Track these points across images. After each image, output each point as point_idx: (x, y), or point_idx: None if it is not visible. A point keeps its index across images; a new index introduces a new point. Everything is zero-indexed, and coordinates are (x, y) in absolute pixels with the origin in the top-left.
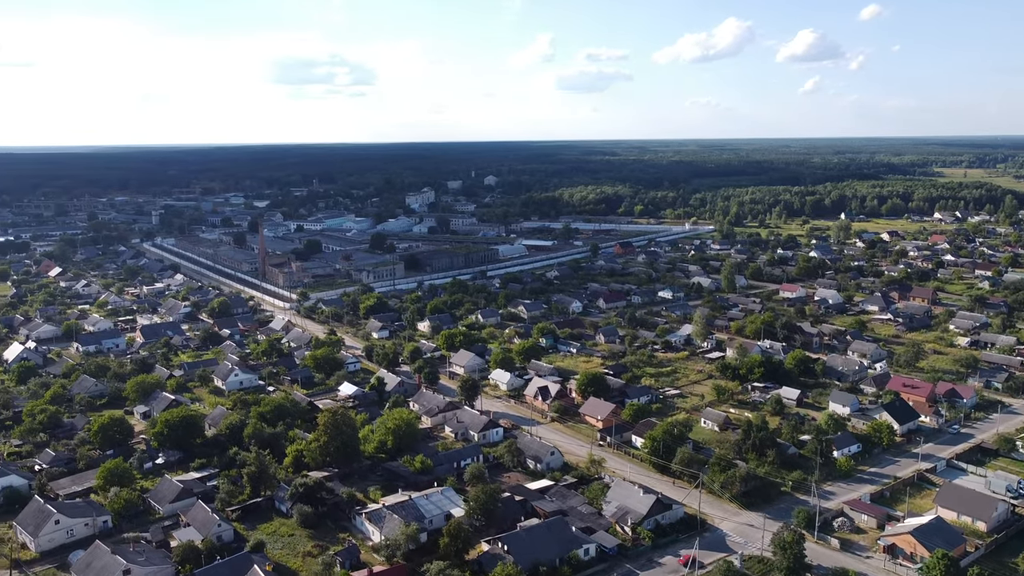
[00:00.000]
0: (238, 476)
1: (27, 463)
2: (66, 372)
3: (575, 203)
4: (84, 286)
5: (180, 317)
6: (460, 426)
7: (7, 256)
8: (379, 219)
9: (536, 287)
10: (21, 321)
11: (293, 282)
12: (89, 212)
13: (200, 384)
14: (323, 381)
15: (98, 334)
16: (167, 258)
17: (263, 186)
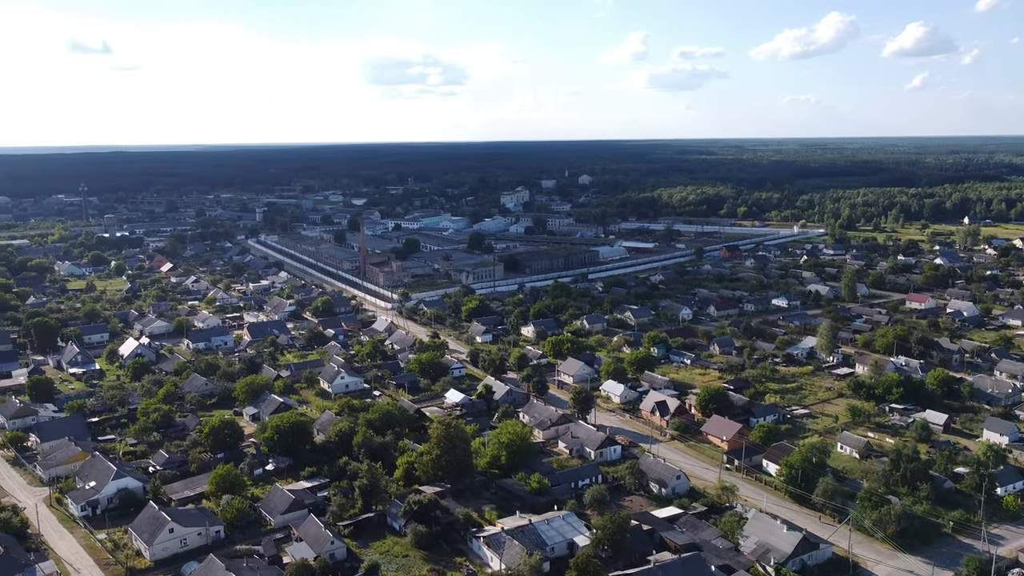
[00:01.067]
0: (349, 488)
1: (141, 464)
2: (177, 369)
3: (674, 204)
4: (193, 282)
5: (285, 315)
6: (575, 442)
7: (123, 251)
8: (475, 218)
9: (641, 292)
10: (135, 316)
11: (393, 282)
12: (197, 209)
13: (306, 386)
14: (428, 387)
15: (207, 331)
16: (271, 255)
17: (360, 184)
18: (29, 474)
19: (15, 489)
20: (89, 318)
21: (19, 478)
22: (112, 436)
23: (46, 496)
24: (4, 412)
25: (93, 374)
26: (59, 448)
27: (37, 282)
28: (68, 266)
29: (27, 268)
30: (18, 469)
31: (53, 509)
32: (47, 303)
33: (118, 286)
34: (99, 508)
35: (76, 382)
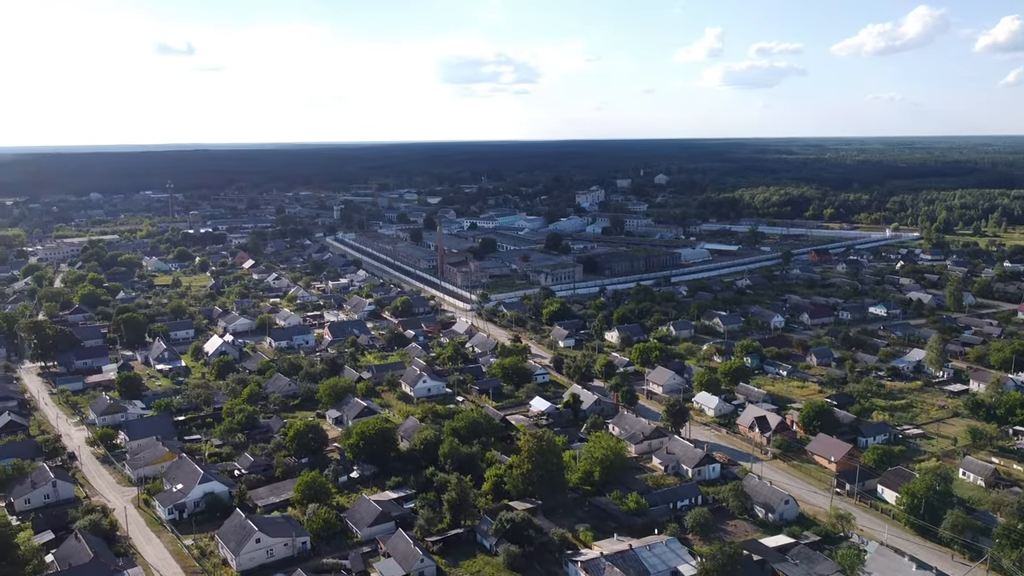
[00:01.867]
0: (436, 501)
1: (227, 467)
2: (261, 369)
3: (756, 205)
4: (275, 279)
5: (364, 315)
6: (670, 458)
7: (206, 247)
8: (551, 218)
9: (727, 297)
10: (219, 313)
11: (471, 282)
12: (277, 206)
13: (388, 388)
14: (512, 393)
15: (289, 329)
16: (349, 253)
17: (434, 182)
18: (118, 473)
19: (104, 488)
20: (175, 314)
21: (108, 476)
22: (198, 436)
23: (134, 497)
24: (95, 408)
25: (179, 371)
26: (147, 447)
27: (126, 277)
28: (155, 262)
29: (117, 263)
30: (107, 467)
31: (141, 511)
32: (135, 298)
33: (202, 282)
34: (185, 512)
35: (163, 379)
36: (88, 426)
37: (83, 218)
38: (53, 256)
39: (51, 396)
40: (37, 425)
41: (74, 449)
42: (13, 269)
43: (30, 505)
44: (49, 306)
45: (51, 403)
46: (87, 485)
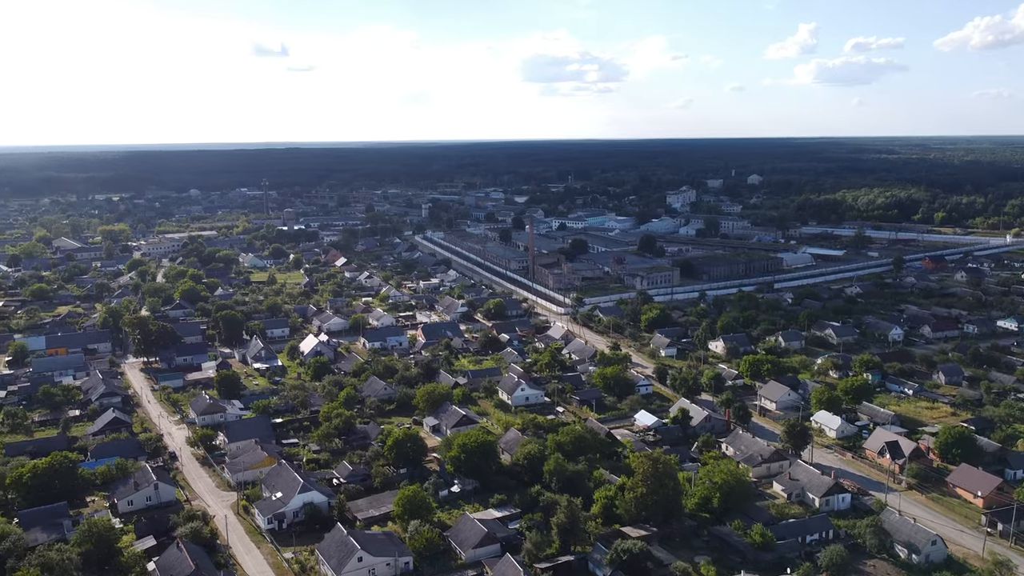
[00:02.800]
0: (542, 523)
1: (325, 475)
2: (356, 371)
3: (859, 207)
4: (367, 278)
5: (457, 316)
6: (794, 485)
7: (300, 244)
8: (641, 219)
9: (836, 305)
10: (314, 312)
11: (563, 284)
12: (367, 204)
13: (484, 395)
14: (614, 405)
15: (382, 330)
16: (438, 252)
17: (520, 181)
18: (217, 476)
19: (204, 492)
20: (271, 312)
21: (208, 479)
22: (295, 440)
23: (233, 503)
24: (195, 407)
25: (276, 370)
26: (246, 451)
27: (224, 273)
28: (251, 258)
29: (215, 259)
30: (207, 469)
31: (240, 517)
32: (233, 295)
33: (296, 279)
34: (285, 522)
35: (260, 378)
36: (188, 425)
37: (183, 214)
38: (155, 251)
39: (153, 393)
40: (140, 422)
41: (175, 449)
42: (119, 263)
43: (132, 507)
44: (152, 301)
45: (153, 400)
46: (187, 487)
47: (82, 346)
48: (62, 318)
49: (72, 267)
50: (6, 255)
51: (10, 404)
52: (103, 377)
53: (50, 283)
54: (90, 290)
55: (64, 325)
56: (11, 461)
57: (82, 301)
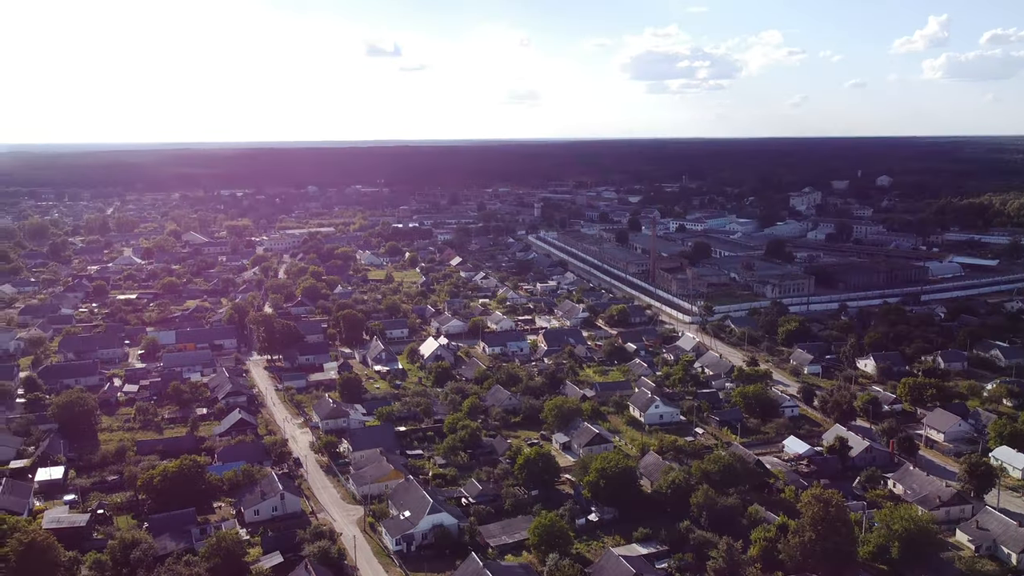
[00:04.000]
0: (695, 564)
1: (453, 493)
2: (478, 378)
3: (1010, 212)
4: (482, 278)
5: (578, 322)
6: (983, 536)
7: (414, 242)
8: (765, 221)
9: (996, 322)
10: (432, 313)
11: (687, 290)
12: (478, 202)
13: (614, 411)
14: (758, 428)
15: (502, 334)
16: (553, 253)
17: (631, 180)
18: (341, 487)
19: (328, 503)
20: (390, 312)
21: (332, 490)
22: (420, 451)
23: (359, 518)
24: (318, 411)
25: (396, 374)
26: (371, 461)
27: (342, 271)
28: (368, 255)
29: (334, 256)
30: (331, 478)
31: (366, 535)
32: (352, 293)
33: (412, 278)
34: (413, 544)
35: (380, 381)
36: (312, 429)
37: (302, 210)
38: (277, 247)
39: (277, 393)
40: (264, 424)
41: (299, 454)
42: (243, 258)
43: (258, 516)
44: (275, 298)
45: (277, 401)
46: (312, 498)
47: (209, 341)
48: (190, 312)
49: (200, 261)
50: (141, 248)
51: (142, 399)
52: (229, 375)
53: (180, 277)
54: (216, 285)
55: (192, 319)
56: (142, 460)
57: (209, 295)
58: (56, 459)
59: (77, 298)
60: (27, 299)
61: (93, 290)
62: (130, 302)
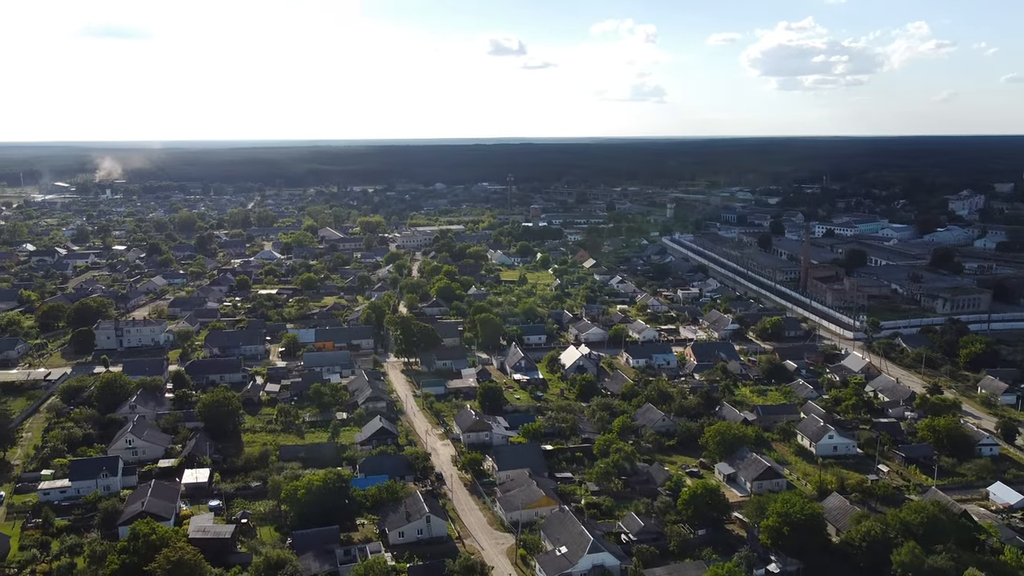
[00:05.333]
0: None
1: (611, 528)
2: (625, 393)
3: None
4: (619, 283)
5: (727, 334)
6: None
7: (545, 242)
8: (922, 227)
9: None
10: (569, 319)
11: (845, 302)
12: (607, 202)
13: (780, 438)
14: (953, 468)
15: (646, 346)
16: (691, 257)
17: (767, 180)
18: (487, 509)
19: (475, 528)
20: (526, 316)
21: (478, 512)
22: (569, 474)
23: (508, 547)
24: (460, 422)
25: (536, 384)
26: (519, 484)
27: (474, 270)
28: (499, 255)
29: (466, 255)
30: (475, 499)
31: (518, 570)
32: (486, 295)
33: (545, 280)
34: None
35: (520, 391)
36: (453, 442)
37: (430, 207)
38: (409, 244)
39: (415, 399)
40: (404, 433)
41: (441, 469)
42: (376, 255)
43: (403, 539)
44: (410, 298)
45: (416, 409)
46: (457, 520)
47: (347, 341)
48: (328, 309)
49: (336, 257)
50: (280, 243)
51: (283, 400)
52: (369, 379)
53: (317, 273)
54: (352, 282)
55: (330, 317)
56: (285, 468)
57: (345, 292)
58: (202, 460)
59: (221, 291)
60: (176, 291)
61: (237, 284)
62: (271, 297)
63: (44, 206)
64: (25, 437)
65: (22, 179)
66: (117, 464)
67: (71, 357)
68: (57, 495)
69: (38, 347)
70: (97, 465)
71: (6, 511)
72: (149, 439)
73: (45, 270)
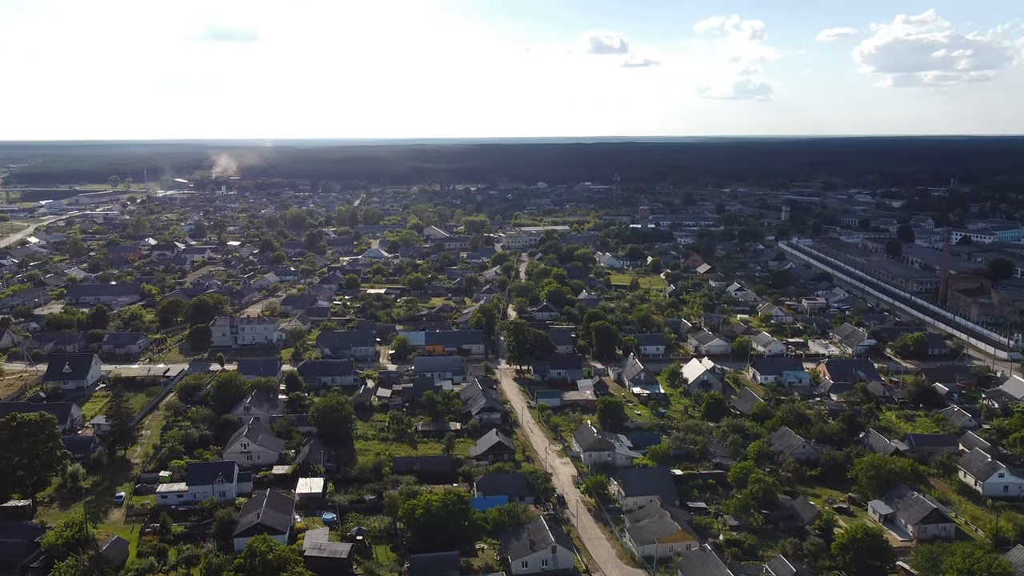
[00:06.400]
0: None
1: (759, 572)
2: (757, 414)
3: None
4: (737, 290)
5: (862, 350)
6: None
7: (655, 245)
8: None
9: None
10: (688, 328)
11: (992, 317)
12: (716, 203)
13: (939, 472)
14: None
15: (775, 361)
16: (813, 264)
17: (886, 182)
18: (614, 538)
19: (605, 562)
20: (642, 324)
21: (605, 544)
22: (702, 504)
23: None
24: (580, 440)
25: (658, 399)
26: (649, 514)
27: (583, 273)
28: (608, 258)
29: (574, 257)
30: (601, 526)
31: None
32: (598, 300)
33: (658, 285)
34: None
35: (640, 407)
36: (572, 460)
37: (533, 207)
38: (514, 244)
39: (530, 411)
40: (521, 449)
41: (562, 490)
42: (482, 255)
43: (526, 569)
44: (519, 301)
45: (531, 422)
46: (583, 551)
47: (457, 345)
48: (436, 311)
49: (443, 257)
50: (387, 241)
51: (395, 406)
52: (482, 388)
53: (424, 273)
54: (460, 283)
55: (439, 320)
56: (400, 482)
57: (453, 294)
58: (316, 469)
59: (331, 290)
60: (287, 288)
61: (346, 283)
62: (379, 297)
63: (165, 201)
64: (144, 435)
65: (145, 175)
66: (233, 470)
67: (188, 353)
68: (174, 499)
69: (158, 342)
70: (214, 470)
71: (125, 513)
72: (264, 443)
73: (165, 264)
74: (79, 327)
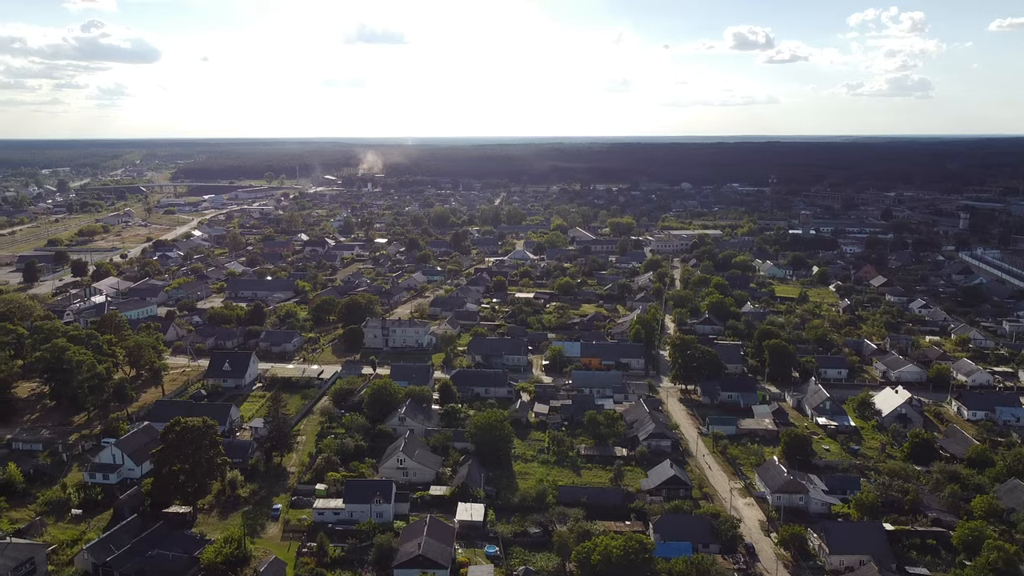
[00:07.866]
0: None
1: None
2: (973, 458)
3: None
4: (922, 307)
5: None
6: None
7: (819, 253)
8: None
9: None
10: (871, 350)
11: None
12: (882, 208)
13: None
14: None
15: (985, 394)
16: (1007, 279)
17: None
18: None
19: None
20: (819, 344)
21: None
22: (924, 572)
23: None
24: (766, 478)
25: (848, 433)
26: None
27: (743, 283)
28: (769, 266)
29: (732, 265)
30: None
31: None
32: (766, 314)
33: (828, 298)
34: None
35: (828, 440)
36: (757, 500)
37: (679, 208)
38: (664, 248)
39: (702, 439)
40: (697, 484)
41: (749, 538)
42: (632, 260)
43: None
44: (678, 312)
45: (706, 452)
46: None
47: (615, 359)
48: (589, 319)
49: (591, 260)
50: (531, 242)
51: (554, 425)
52: (648, 410)
53: (573, 277)
54: (612, 290)
55: (592, 329)
56: (567, 516)
57: (604, 301)
58: (475, 493)
59: (479, 292)
60: (434, 289)
61: (493, 285)
62: (529, 302)
63: (315, 197)
64: (299, 441)
65: (297, 172)
66: (391, 489)
67: (341, 354)
68: (331, 516)
69: (311, 341)
70: (371, 489)
71: (282, 528)
72: (420, 460)
73: (317, 260)
74: (238, 322)
